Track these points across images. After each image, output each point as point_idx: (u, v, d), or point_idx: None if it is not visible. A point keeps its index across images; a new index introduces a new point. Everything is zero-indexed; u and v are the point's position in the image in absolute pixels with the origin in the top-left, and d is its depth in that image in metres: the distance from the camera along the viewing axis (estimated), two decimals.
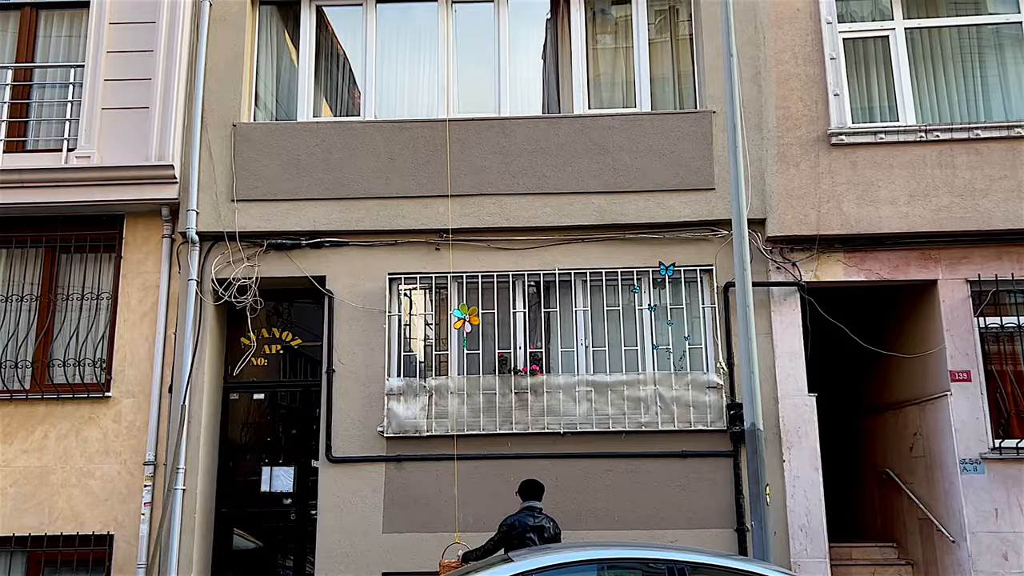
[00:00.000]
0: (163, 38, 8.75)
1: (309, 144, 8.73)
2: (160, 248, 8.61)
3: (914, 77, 8.80)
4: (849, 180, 8.32)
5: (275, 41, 9.45)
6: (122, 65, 8.71)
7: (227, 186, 8.65)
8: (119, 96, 8.65)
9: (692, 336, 8.37)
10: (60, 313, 8.68)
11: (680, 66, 9.21)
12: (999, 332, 8.18)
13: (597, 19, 9.40)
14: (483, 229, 8.56)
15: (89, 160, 8.46)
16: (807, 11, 8.74)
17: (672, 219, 8.47)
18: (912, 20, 8.93)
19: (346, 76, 9.44)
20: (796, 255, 8.37)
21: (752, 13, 8.76)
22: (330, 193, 8.62)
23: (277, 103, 9.39)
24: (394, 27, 9.41)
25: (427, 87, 9.27)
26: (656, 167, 8.55)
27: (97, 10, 8.82)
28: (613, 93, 9.22)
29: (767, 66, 8.66)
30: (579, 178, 8.58)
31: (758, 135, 8.53)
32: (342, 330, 8.43)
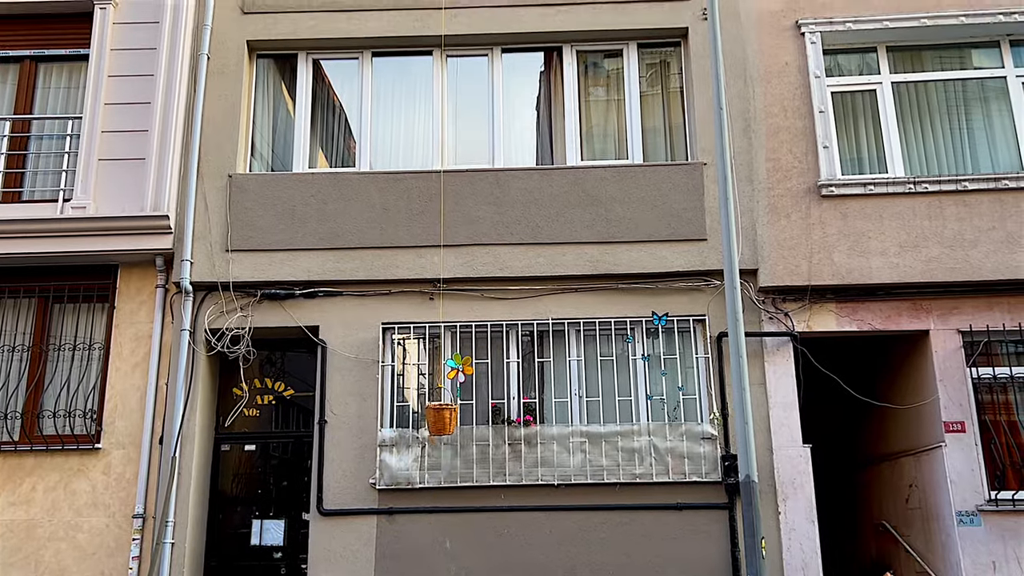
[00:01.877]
0: (161, 90, 8.86)
1: (304, 194, 8.79)
2: (154, 298, 8.61)
3: (902, 130, 8.94)
4: (840, 231, 8.40)
5: (272, 92, 9.57)
6: (120, 117, 8.80)
7: (222, 236, 8.68)
8: (116, 147, 8.72)
9: (686, 386, 8.36)
10: (52, 363, 8.64)
11: (671, 118, 9.34)
12: (992, 382, 8.19)
13: (589, 72, 9.55)
14: (477, 279, 8.59)
15: (85, 210, 8.50)
16: (795, 65, 8.90)
17: (665, 269, 8.51)
18: (899, 74, 9.10)
19: (342, 126, 9.54)
20: (788, 305, 8.40)
21: (742, 67, 8.92)
22: (324, 243, 8.66)
23: (273, 153, 9.47)
24: (390, 79, 9.54)
25: (422, 138, 9.37)
26: (648, 218, 8.61)
27: (96, 63, 8.93)
28: (606, 144, 9.33)
29: (757, 119, 8.79)
30: (572, 228, 8.64)
31: (749, 186, 8.62)
32: (335, 380, 8.40)
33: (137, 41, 8.99)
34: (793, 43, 8.96)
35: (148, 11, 9.08)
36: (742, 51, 8.96)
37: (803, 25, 8.96)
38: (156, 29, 9.00)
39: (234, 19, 9.31)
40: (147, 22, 9.03)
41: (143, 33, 9.01)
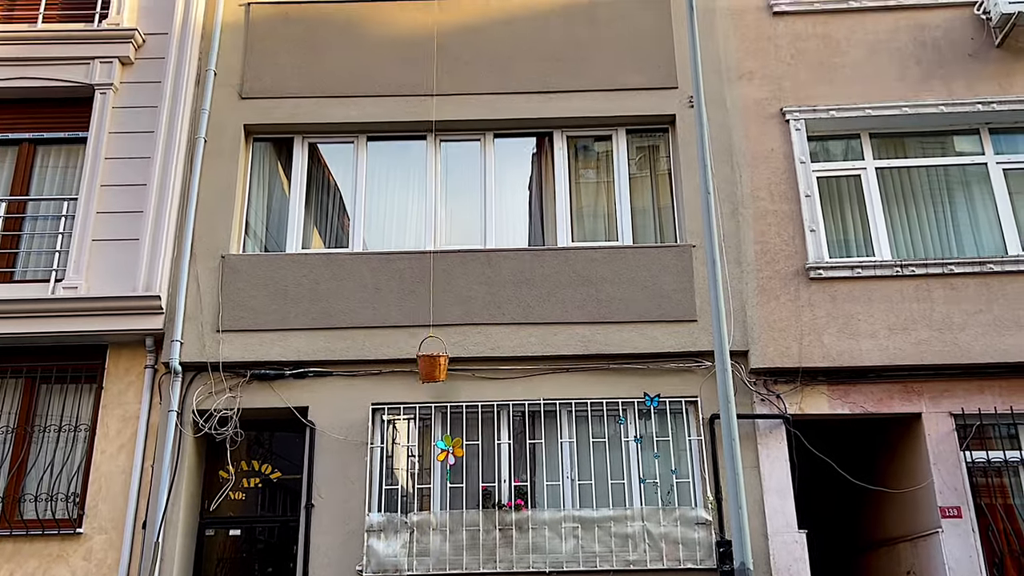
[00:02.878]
0: (157, 172, 8.98)
1: (297, 275, 8.83)
2: (142, 379, 8.54)
3: (887, 213, 9.09)
4: (829, 313, 8.45)
5: (267, 172, 9.70)
6: (115, 198, 8.89)
7: (213, 316, 8.68)
8: (110, 228, 8.78)
9: (679, 469, 8.27)
10: (36, 445, 8.51)
11: (660, 200, 9.48)
12: (986, 466, 8.13)
13: (580, 155, 9.73)
14: (468, 359, 8.57)
15: (76, 291, 8.50)
16: (781, 151, 9.10)
17: (656, 350, 8.51)
18: (882, 160, 9.30)
19: (337, 204, 9.65)
20: (780, 387, 8.39)
21: (728, 153, 9.11)
22: (316, 323, 8.66)
23: (267, 232, 9.55)
24: (384, 161, 9.69)
25: (415, 218, 9.47)
26: (639, 298, 8.66)
27: (94, 146, 9.06)
28: (596, 225, 9.44)
29: (744, 203, 8.93)
30: (564, 308, 8.67)
31: (738, 268, 8.70)
32: (323, 462, 8.29)
33: (135, 125, 9.15)
34: (778, 130, 9.18)
35: (148, 96, 9.27)
36: (728, 137, 9.17)
37: (787, 113, 9.19)
38: (155, 113, 9.17)
39: (232, 104, 9.50)
40: (146, 106, 9.21)
41: (142, 117, 9.18)
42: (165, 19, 9.56)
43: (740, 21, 9.61)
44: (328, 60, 9.68)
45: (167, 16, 9.57)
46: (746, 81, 9.37)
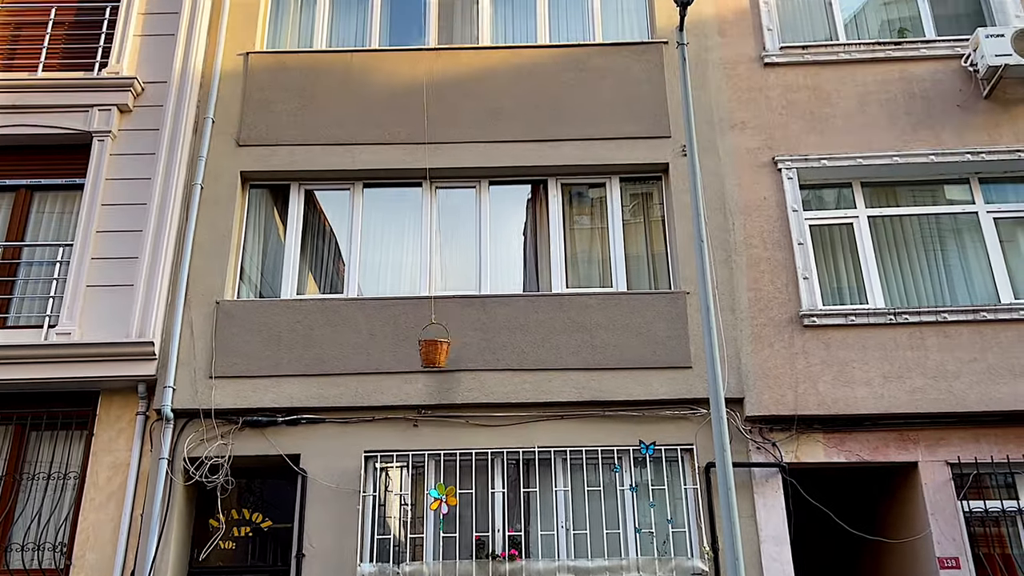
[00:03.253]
0: (153, 219, 9.00)
1: (291, 321, 8.82)
2: (133, 425, 8.46)
3: (880, 261, 9.14)
4: (823, 360, 8.45)
5: (263, 218, 9.74)
6: (110, 244, 8.90)
7: (206, 363, 8.64)
8: (104, 274, 8.77)
9: (675, 518, 8.19)
10: (24, 493, 8.40)
11: (654, 246, 9.52)
12: (984, 516, 8.07)
13: (574, 202, 9.80)
14: (462, 405, 8.53)
15: (69, 336, 8.47)
16: (774, 200, 9.17)
17: (651, 396, 8.48)
18: (874, 209, 9.38)
19: (332, 250, 9.67)
20: (776, 435, 8.35)
21: (721, 200, 9.18)
22: (309, 369, 8.63)
23: (262, 277, 9.55)
24: (380, 207, 9.74)
25: (410, 264, 9.49)
26: (634, 344, 8.66)
27: (91, 192, 9.10)
28: (590, 270, 9.47)
29: (738, 250, 8.98)
30: (558, 355, 8.66)
31: (732, 316, 8.72)
32: (315, 511, 8.19)
33: (132, 171, 9.20)
34: (770, 178, 9.27)
35: (145, 143, 9.33)
36: (721, 185, 9.25)
37: (779, 162, 9.29)
38: (152, 160, 9.23)
39: (229, 151, 9.58)
40: (144, 153, 9.27)
41: (139, 164, 9.24)
42: (164, 68, 9.67)
43: (732, 72, 9.76)
44: (325, 108, 9.79)
45: (166, 65, 9.68)
46: (738, 131, 9.48)
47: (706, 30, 9.95)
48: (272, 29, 10.57)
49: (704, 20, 9.97)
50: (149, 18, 9.93)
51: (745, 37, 9.91)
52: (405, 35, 10.53)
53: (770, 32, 9.90)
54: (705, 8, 9.99)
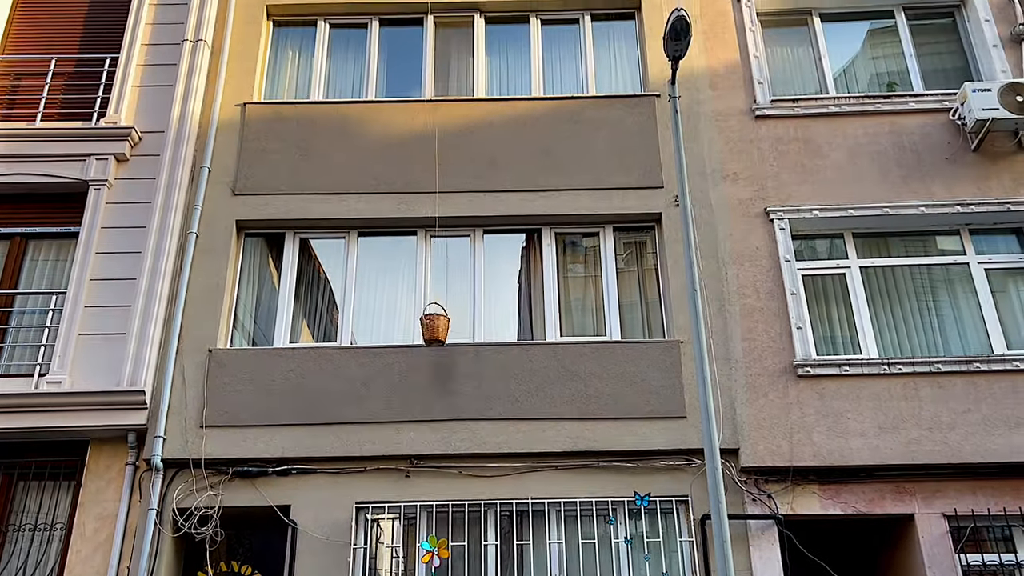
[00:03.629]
0: (147, 267, 9.01)
1: (284, 369, 8.78)
2: (122, 476, 8.37)
3: (872, 312, 9.16)
4: (818, 411, 8.42)
5: (258, 266, 9.75)
6: (103, 292, 8.89)
7: (197, 412, 8.58)
8: (97, 322, 8.75)
9: (670, 571, 8.08)
10: (10, 545, 8.27)
11: (647, 294, 9.54)
12: (982, 569, 7.98)
13: (568, 250, 9.84)
14: (454, 455, 8.46)
15: (60, 385, 8.41)
16: (766, 250, 9.23)
17: (645, 447, 8.43)
18: (866, 259, 9.43)
19: (326, 298, 9.67)
20: (771, 486, 8.29)
21: (714, 250, 9.23)
22: (301, 418, 8.57)
23: (256, 325, 9.54)
24: (375, 255, 9.77)
25: (404, 312, 9.49)
26: (628, 394, 8.63)
27: (86, 241, 9.12)
28: (584, 319, 9.47)
29: (731, 300, 9.00)
30: (552, 404, 8.62)
31: (726, 365, 8.71)
32: (304, 563, 8.06)
33: (128, 220, 9.24)
34: (763, 229, 9.33)
35: (141, 192, 9.39)
36: (714, 235, 9.31)
37: (771, 212, 9.37)
38: (148, 209, 9.28)
39: (225, 200, 9.63)
40: (139, 202, 9.31)
41: (134, 212, 9.27)
42: (162, 117, 9.77)
43: (724, 124, 9.88)
44: (321, 157, 9.87)
45: (164, 114, 9.78)
46: (730, 182, 9.57)
47: (698, 83, 10.10)
48: (270, 80, 10.70)
49: (696, 73, 10.13)
50: (148, 69, 10.07)
51: (736, 90, 10.06)
52: (402, 87, 10.67)
53: (761, 85, 10.05)
54: (697, 62, 10.16)
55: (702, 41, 10.31)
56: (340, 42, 10.96)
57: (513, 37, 10.90)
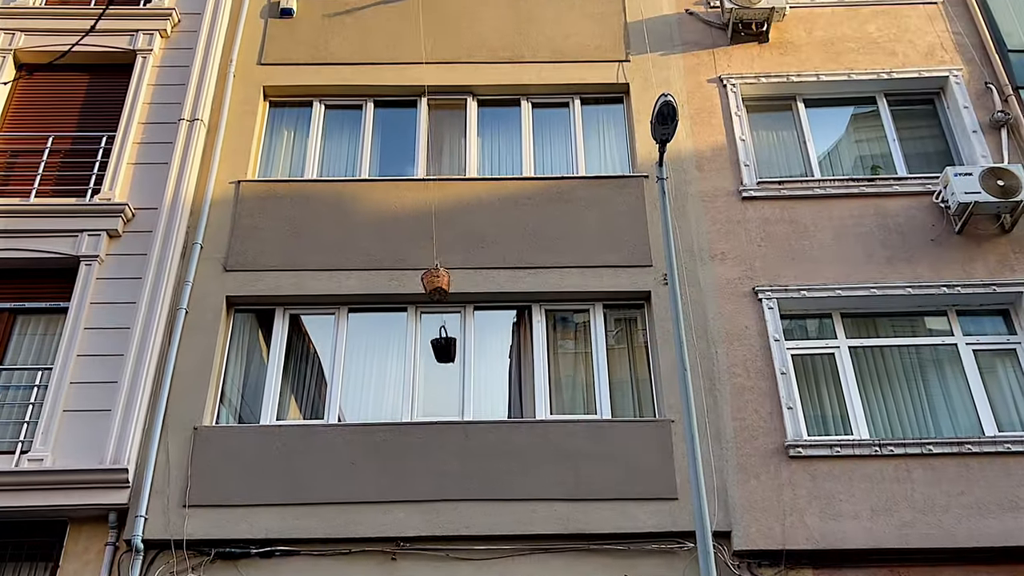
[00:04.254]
0: (135, 343, 8.97)
1: (270, 448, 8.67)
2: (101, 557, 8.14)
3: (863, 392, 9.15)
4: (810, 493, 8.33)
5: (247, 342, 9.71)
6: (90, 368, 8.82)
7: (180, 491, 8.43)
8: (82, 398, 8.66)
9: None
10: None
11: (638, 372, 9.52)
12: None
13: (558, 327, 9.85)
14: (441, 537, 8.29)
15: (42, 463, 8.27)
16: (755, 329, 9.26)
17: (637, 529, 8.28)
18: (854, 339, 9.46)
19: (315, 373, 9.61)
20: (765, 571, 8.14)
21: (704, 329, 9.26)
22: (286, 498, 8.42)
23: (243, 400, 9.45)
24: (365, 331, 9.76)
25: (393, 387, 9.43)
26: (619, 475, 8.52)
27: (74, 316, 9.09)
28: (574, 396, 9.42)
29: (721, 379, 8.99)
30: (542, 484, 8.50)
31: (718, 446, 8.64)
32: None
33: (118, 295, 9.23)
34: (752, 308, 9.38)
35: (133, 268, 9.41)
36: (703, 314, 9.35)
37: (760, 292, 9.44)
38: (138, 284, 9.28)
39: (216, 276, 9.65)
40: (130, 278, 9.32)
41: (125, 288, 9.27)
42: (156, 194, 9.86)
43: (711, 205, 10.03)
44: (313, 234, 9.95)
45: (158, 191, 9.87)
46: (719, 261, 9.67)
47: (685, 165, 10.30)
48: (265, 158, 10.86)
49: (683, 155, 10.33)
50: (144, 147, 10.21)
51: (723, 171, 10.25)
52: (395, 165, 10.83)
53: (747, 167, 10.25)
54: (684, 144, 10.37)
55: (689, 125, 10.55)
56: (335, 122, 11.16)
57: (504, 119, 11.13)
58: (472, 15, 11.62)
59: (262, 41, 11.37)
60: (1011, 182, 9.37)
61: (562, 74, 11.16)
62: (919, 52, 11.07)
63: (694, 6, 11.57)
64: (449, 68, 11.19)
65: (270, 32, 11.44)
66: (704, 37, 11.29)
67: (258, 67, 11.19)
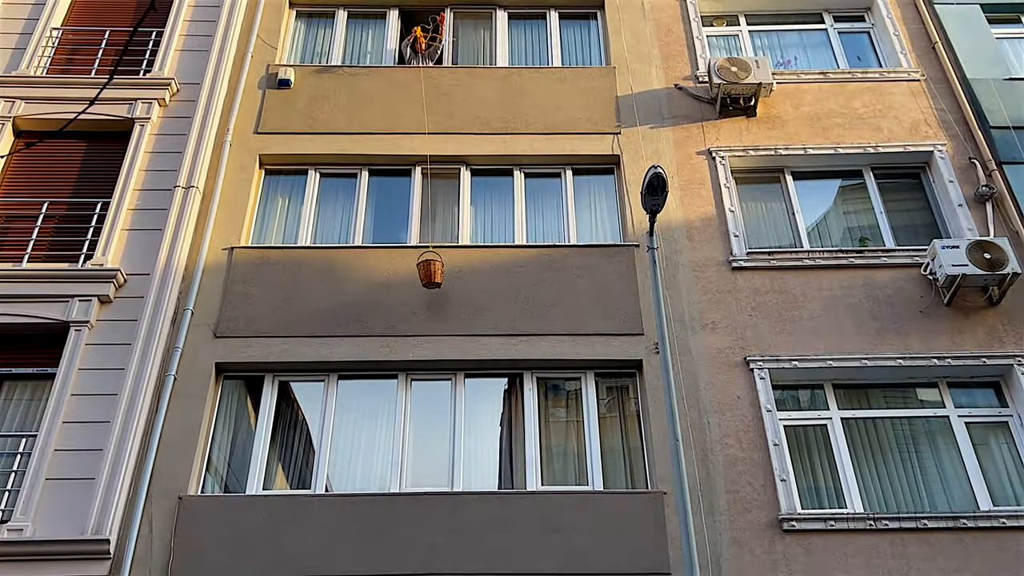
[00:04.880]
0: (122, 410, 8.86)
1: (255, 518, 8.51)
2: None
3: (856, 464, 9.07)
4: (805, 568, 8.19)
5: (236, 408, 9.62)
6: (75, 435, 8.69)
7: (163, 562, 8.23)
8: (66, 466, 8.51)
9: None
10: None
11: (630, 441, 9.44)
12: None
13: (550, 395, 9.81)
14: None
15: (21, 533, 8.08)
16: (747, 399, 9.23)
17: None
18: (847, 411, 9.43)
19: (303, 440, 9.50)
20: None
21: (696, 399, 9.23)
22: (271, 570, 8.24)
23: (229, 468, 9.31)
24: (355, 398, 9.68)
25: (382, 455, 9.31)
26: (611, 548, 8.38)
27: (62, 382, 8.99)
28: (566, 465, 9.32)
29: (714, 450, 8.92)
30: (533, 559, 8.34)
31: (711, 518, 8.52)
32: None
33: (106, 361, 9.15)
34: (743, 378, 9.37)
35: (122, 334, 9.35)
36: (695, 383, 9.33)
37: (751, 362, 9.44)
38: (127, 351, 9.21)
39: (206, 342, 9.60)
40: (119, 344, 9.26)
41: (114, 354, 9.20)
42: (149, 260, 9.86)
43: (701, 274, 10.10)
44: (305, 301, 9.95)
45: (151, 257, 9.88)
46: (709, 330, 9.69)
47: (675, 234, 10.40)
48: (259, 225, 10.91)
49: (673, 225, 10.44)
50: (138, 213, 10.25)
51: (713, 241, 10.35)
52: (388, 232, 10.90)
53: (736, 238, 10.35)
54: (674, 214, 10.49)
55: (679, 195, 10.69)
56: (330, 190, 11.27)
57: (498, 188, 11.27)
58: (467, 88, 11.86)
59: (259, 110, 11.54)
60: (997, 255, 9.48)
61: (554, 145, 11.34)
62: (904, 127, 11.30)
63: (683, 81, 11.84)
64: (444, 138, 11.37)
65: (267, 102, 11.63)
66: (693, 111, 11.52)
67: (254, 136, 11.34)
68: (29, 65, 11.42)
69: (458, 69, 12.14)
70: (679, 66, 11.99)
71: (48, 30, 11.83)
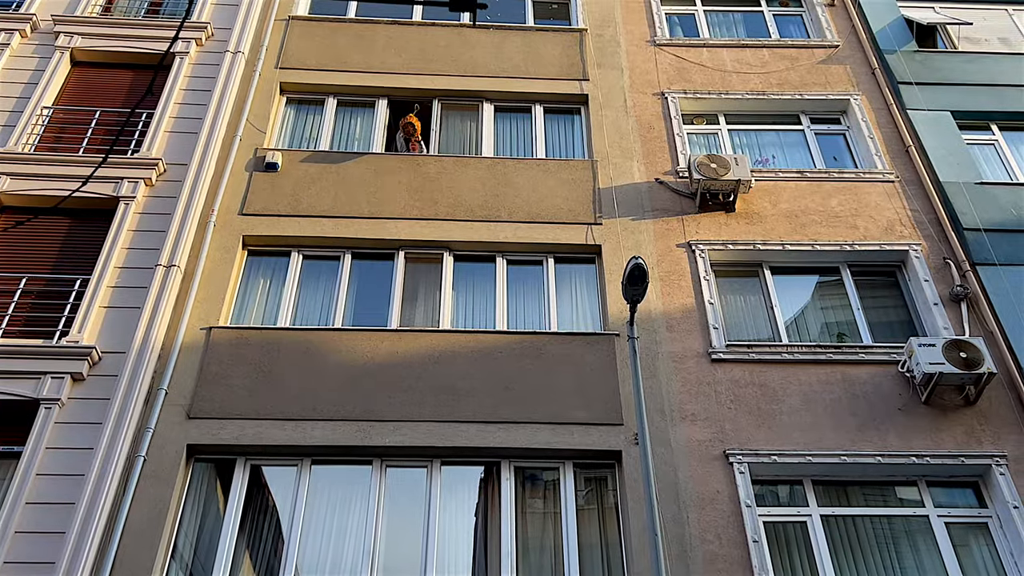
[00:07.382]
0: (88, 492, 8.61)
1: None
2: None
3: (836, 564, 8.92)
4: None
5: (205, 492, 9.37)
6: (38, 516, 8.42)
7: None
8: (26, 550, 8.21)
9: None
10: None
11: (608, 535, 9.27)
12: None
13: (527, 485, 9.64)
14: None
15: None
16: (727, 493, 9.12)
17: None
18: (826, 508, 9.33)
19: (273, 526, 9.23)
20: None
21: (675, 492, 9.11)
22: None
23: (195, 556, 9.01)
24: (327, 484, 9.47)
25: (353, 544, 9.07)
26: None
27: (28, 461, 8.75)
28: (542, 559, 9.10)
29: (693, 545, 8.76)
30: None
31: None
32: None
33: (75, 441, 8.94)
34: (723, 472, 9.28)
35: (94, 412, 9.16)
36: (674, 476, 9.22)
37: (730, 456, 9.37)
38: (97, 430, 9.01)
39: (178, 422, 9.43)
40: (90, 423, 9.07)
41: (83, 433, 8.99)
42: (124, 339, 9.75)
43: (681, 366, 10.11)
44: (281, 383, 9.83)
45: (128, 335, 9.77)
46: (689, 422, 9.64)
47: (655, 325, 10.45)
48: (239, 305, 10.86)
49: (653, 315, 10.50)
50: (117, 291, 10.18)
51: (692, 333, 10.40)
52: (369, 315, 10.87)
53: (716, 330, 10.41)
54: (654, 305, 10.57)
55: (659, 286, 10.79)
56: (312, 272, 11.29)
57: (480, 274, 11.33)
58: (451, 176, 12.06)
59: (245, 192, 11.64)
60: (973, 355, 9.57)
61: (536, 234, 11.48)
62: (879, 227, 11.56)
63: (664, 176, 12.11)
64: (427, 224, 11.49)
65: (254, 184, 11.74)
66: (673, 204, 11.75)
67: (239, 216, 11.40)
68: (17, 142, 11.49)
69: (444, 157, 12.36)
70: (660, 161, 12.28)
71: (39, 108, 11.95)
